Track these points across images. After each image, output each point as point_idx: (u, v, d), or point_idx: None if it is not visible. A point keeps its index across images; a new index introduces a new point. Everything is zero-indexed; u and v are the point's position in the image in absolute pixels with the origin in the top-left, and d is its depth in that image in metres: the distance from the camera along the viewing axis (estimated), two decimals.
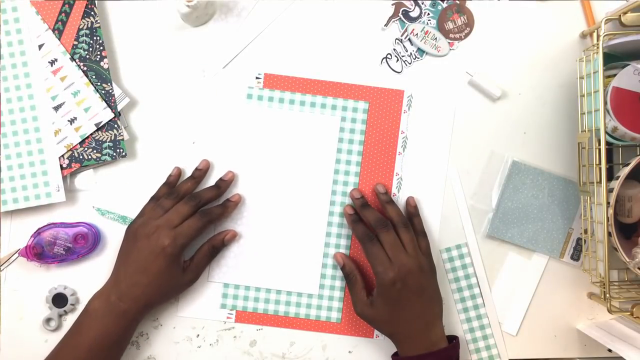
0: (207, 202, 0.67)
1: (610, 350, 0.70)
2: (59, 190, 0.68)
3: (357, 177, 0.71)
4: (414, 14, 0.71)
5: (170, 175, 0.69)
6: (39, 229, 0.69)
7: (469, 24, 0.71)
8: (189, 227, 0.64)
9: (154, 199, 0.68)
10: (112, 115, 0.68)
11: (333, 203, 0.71)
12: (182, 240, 0.64)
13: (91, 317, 0.64)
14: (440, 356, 0.63)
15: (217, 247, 0.69)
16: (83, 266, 0.70)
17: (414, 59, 0.72)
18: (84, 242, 0.69)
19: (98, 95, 0.68)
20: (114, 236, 0.70)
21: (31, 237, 0.68)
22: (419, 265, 0.64)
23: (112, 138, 0.69)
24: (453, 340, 0.66)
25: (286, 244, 0.71)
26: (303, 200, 0.71)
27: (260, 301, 0.71)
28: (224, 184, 0.69)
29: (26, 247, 0.68)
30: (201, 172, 0.69)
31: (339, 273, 0.70)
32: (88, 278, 0.70)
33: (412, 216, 0.69)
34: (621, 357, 0.64)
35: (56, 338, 0.69)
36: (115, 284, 0.64)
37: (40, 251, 0.68)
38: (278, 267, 0.71)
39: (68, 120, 0.68)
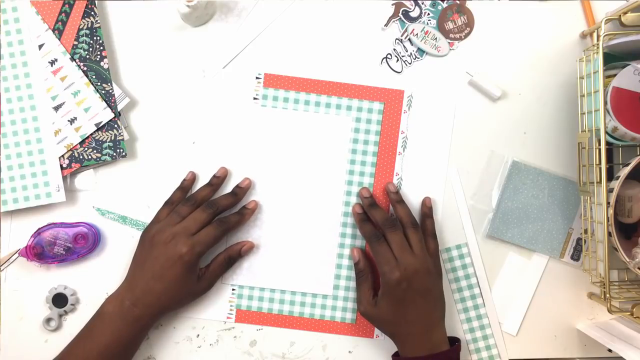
0: (224, 210, 0.67)
1: (610, 350, 0.70)
2: (59, 190, 0.68)
3: (372, 177, 0.71)
4: (414, 14, 0.71)
5: (184, 180, 0.69)
6: (39, 229, 0.69)
7: (469, 24, 0.71)
8: (206, 235, 0.64)
9: (169, 204, 0.68)
10: (112, 115, 0.68)
11: (348, 204, 0.71)
12: (199, 249, 0.64)
13: (104, 321, 0.64)
14: (441, 358, 0.63)
15: (234, 258, 0.69)
16: (83, 266, 0.70)
17: (414, 59, 0.72)
18: (84, 242, 0.69)
19: (98, 95, 0.68)
20: (114, 236, 0.70)
21: (31, 237, 0.68)
22: (425, 267, 0.64)
23: (112, 138, 0.69)
24: (455, 342, 0.66)
25: (300, 245, 0.71)
26: (316, 201, 0.71)
27: (265, 300, 0.71)
28: (240, 191, 0.69)
29: (26, 247, 0.68)
30: (219, 179, 0.69)
31: (354, 274, 0.70)
32: (88, 278, 0.70)
33: (425, 217, 0.69)
34: (621, 357, 0.64)
35: (56, 338, 0.69)
36: (129, 289, 0.64)
37: (40, 251, 0.68)
38: (292, 269, 0.71)
39: (68, 120, 0.68)
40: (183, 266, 0.63)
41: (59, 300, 0.69)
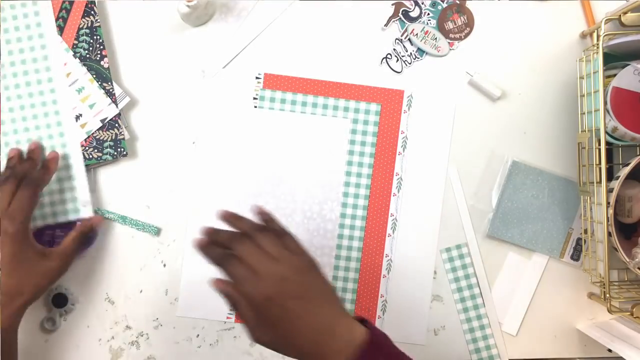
0: (25, 173, 0.64)
1: (610, 350, 0.70)
2: (85, 206, 0.68)
3: (369, 179, 0.71)
4: (414, 14, 0.71)
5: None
6: (38, 229, 0.68)
7: (469, 24, 0.72)
8: (18, 201, 0.62)
9: None
10: (117, 111, 0.68)
11: (345, 205, 0.71)
12: (19, 217, 0.61)
13: None
14: (372, 349, 0.53)
15: (85, 233, 0.67)
16: (83, 266, 0.70)
17: (414, 59, 0.72)
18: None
19: (102, 91, 0.68)
20: (114, 236, 0.70)
21: None
22: (292, 268, 0.53)
23: (113, 137, 0.69)
24: (366, 324, 0.54)
25: None
26: (313, 202, 0.71)
27: None
28: (33, 153, 0.66)
29: None
30: (18, 152, 0.66)
31: (351, 275, 0.70)
32: (88, 278, 0.70)
33: (266, 221, 0.58)
34: (621, 357, 0.64)
35: (56, 338, 0.69)
36: None
37: None
38: None
39: (74, 117, 0.68)
40: (13, 241, 0.61)
41: (59, 300, 0.69)
